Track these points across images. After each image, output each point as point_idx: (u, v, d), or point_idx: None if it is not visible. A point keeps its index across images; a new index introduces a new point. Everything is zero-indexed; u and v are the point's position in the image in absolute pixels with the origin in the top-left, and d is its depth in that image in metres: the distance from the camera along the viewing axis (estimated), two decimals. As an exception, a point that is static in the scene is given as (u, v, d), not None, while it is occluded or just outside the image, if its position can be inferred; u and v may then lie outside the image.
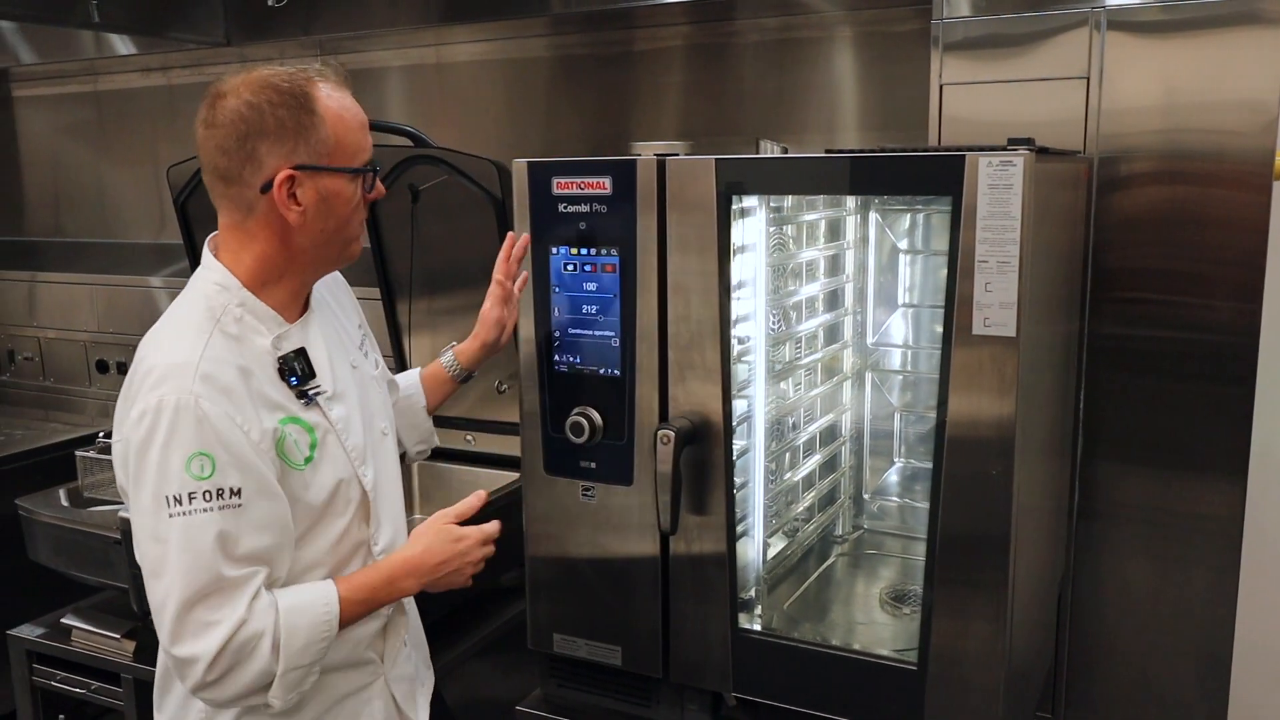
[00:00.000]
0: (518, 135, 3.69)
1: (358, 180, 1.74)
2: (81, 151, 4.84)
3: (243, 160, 1.66)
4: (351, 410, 1.88)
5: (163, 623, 1.64)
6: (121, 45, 4.11)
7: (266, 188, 1.67)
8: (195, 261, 3.35)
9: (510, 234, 2.17)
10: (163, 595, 1.63)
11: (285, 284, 1.79)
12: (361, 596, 1.79)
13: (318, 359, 1.83)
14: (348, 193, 1.73)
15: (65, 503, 3.11)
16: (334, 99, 1.70)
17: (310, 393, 1.80)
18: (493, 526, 1.96)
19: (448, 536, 1.89)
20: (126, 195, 4.73)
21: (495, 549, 1.97)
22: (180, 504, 1.60)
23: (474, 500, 1.96)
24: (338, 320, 1.99)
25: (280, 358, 1.78)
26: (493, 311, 2.25)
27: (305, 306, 1.87)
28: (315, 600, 1.73)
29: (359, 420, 1.90)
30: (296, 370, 1.79)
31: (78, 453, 3.19)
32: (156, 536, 1.63)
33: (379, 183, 1.80)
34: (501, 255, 2.20)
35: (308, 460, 1.78)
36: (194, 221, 3.32)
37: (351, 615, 1.78)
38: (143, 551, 1.66)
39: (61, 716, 3.07)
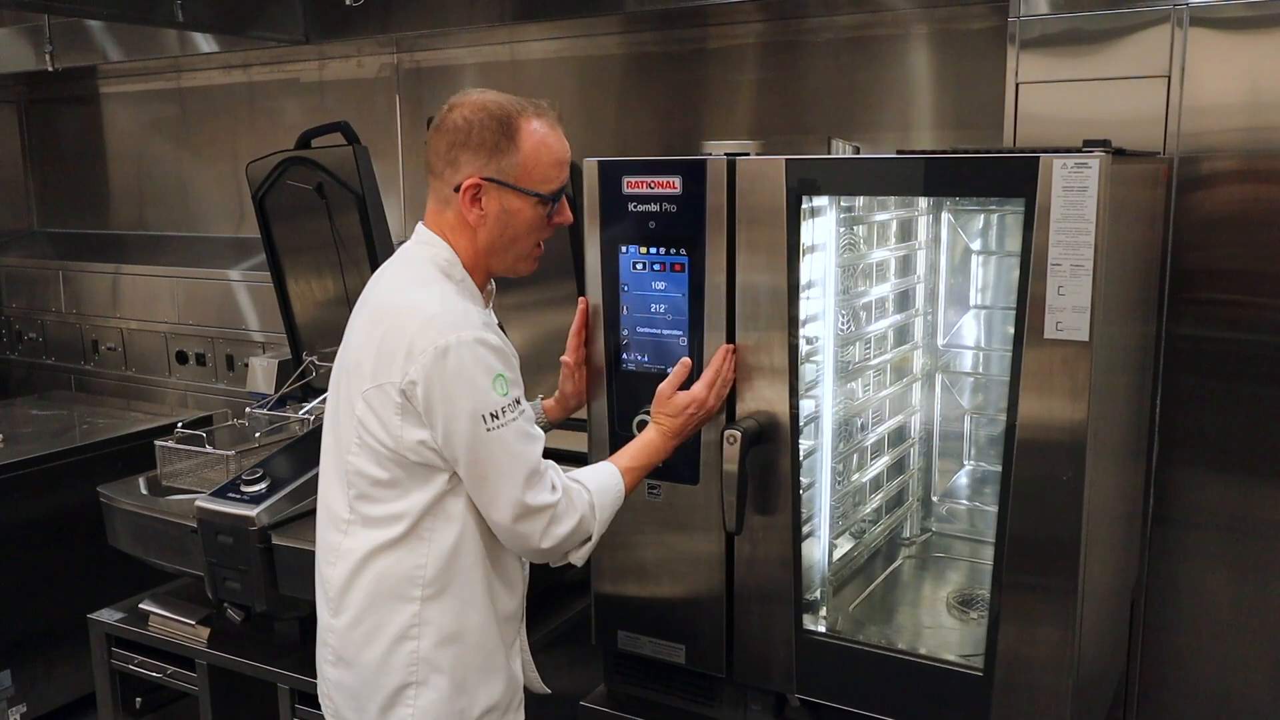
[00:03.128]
0: (590, 132, 3.71)
1: (540, 206, 1.98)
2: (164, 147, 4.95)
3: (447, 162, 1.97)
4: None
5: (502, 511, 1.91)
6: (204, 43, 4.20)
7: (458, 188, 1.96)
8: (274, 254, 3.46)
9: (581, 304, 2.30)
10: (492, 495, 1.91)
11: (475, 274, 2.03)
12: (638, 464, 2.09)
13: None
14: (527, 213, 1.98)
15: (145, 491, 3.17)
16: (539, 132, 1.96)
17: None
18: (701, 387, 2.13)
19: (676, 408, 2.12)
20: (207, 190, 4.84)
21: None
22: (498, 419, 1.88)
23: (680, 369, 2.16)
24: None
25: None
26: (565, 386, 2.36)
27: None
28: (607, 478, 2.04)
29: None
30: None
31: (157, 442, 3.25)
32: (477, 452, 1.89)
33: (567, 210, 2.03)
34: (574, 330, 2.32)
35: None
36: (272, 215, 3.38)
37: (631, 483, 2.07)
38: (466, 469, 1.91)
39: (138, 699, 3.15)
